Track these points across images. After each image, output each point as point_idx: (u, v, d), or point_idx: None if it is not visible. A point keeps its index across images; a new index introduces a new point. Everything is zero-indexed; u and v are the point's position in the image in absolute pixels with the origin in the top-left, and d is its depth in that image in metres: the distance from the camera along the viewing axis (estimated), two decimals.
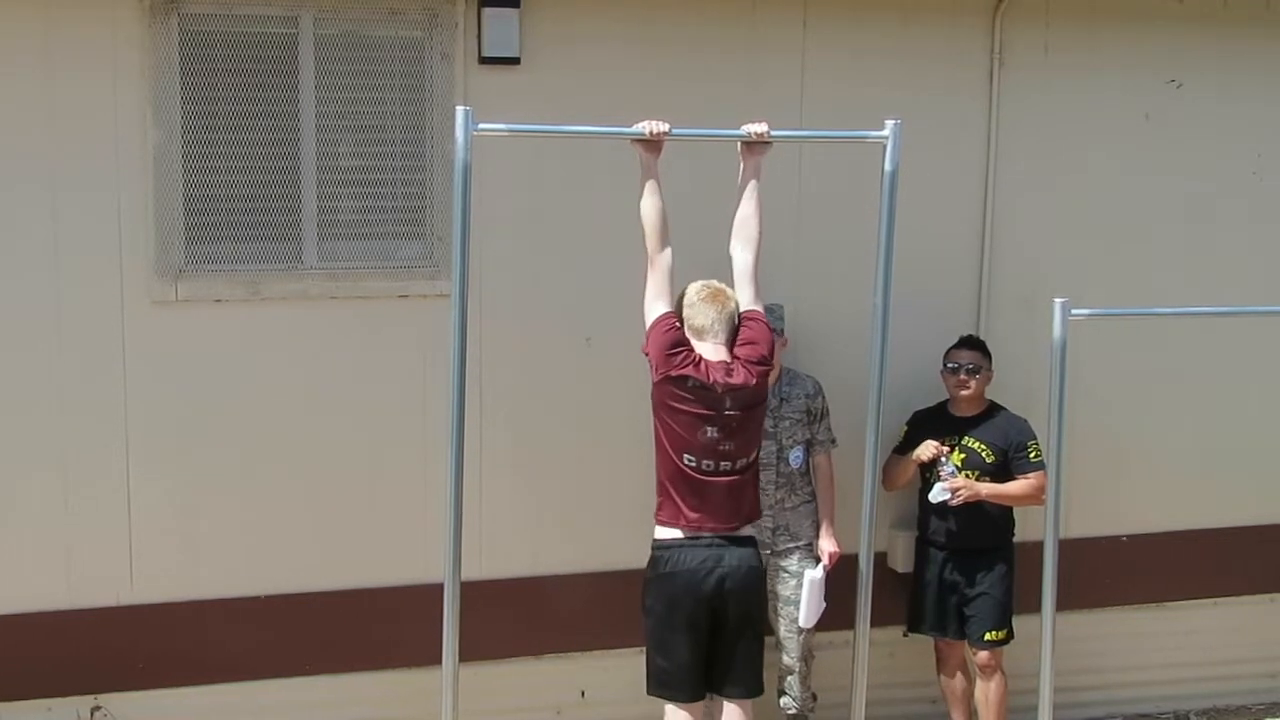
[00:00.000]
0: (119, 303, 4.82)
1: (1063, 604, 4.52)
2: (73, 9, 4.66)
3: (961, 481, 5.24)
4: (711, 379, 4.23)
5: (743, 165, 4.37)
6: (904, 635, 5.61)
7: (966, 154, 5.56)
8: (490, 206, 4.95)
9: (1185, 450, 5.95)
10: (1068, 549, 4.80)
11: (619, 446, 5.17)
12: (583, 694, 5.45)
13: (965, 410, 5.40)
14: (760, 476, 4.62)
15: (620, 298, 4.82)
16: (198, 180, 4.84)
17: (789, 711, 5.31)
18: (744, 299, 4.39)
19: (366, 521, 5.12)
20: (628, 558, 5.04)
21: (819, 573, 5.06)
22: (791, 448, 5.16)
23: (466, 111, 3.89)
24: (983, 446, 5.33)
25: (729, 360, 4.30)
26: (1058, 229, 5.69)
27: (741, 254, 4.38)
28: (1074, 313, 4.28)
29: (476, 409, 4.98)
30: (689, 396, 4.22)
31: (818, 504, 5.25)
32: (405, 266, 5.09)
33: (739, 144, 4.33)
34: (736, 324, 4.36)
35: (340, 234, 5.04)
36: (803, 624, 5.10)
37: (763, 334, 4.37)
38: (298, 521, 5.06)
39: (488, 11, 4.95)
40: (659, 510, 4.36)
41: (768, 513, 5.04)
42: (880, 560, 5.14)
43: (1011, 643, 5.38)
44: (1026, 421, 5.37)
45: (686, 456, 4.25)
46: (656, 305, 4.30)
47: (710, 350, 4.31)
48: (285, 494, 5.04)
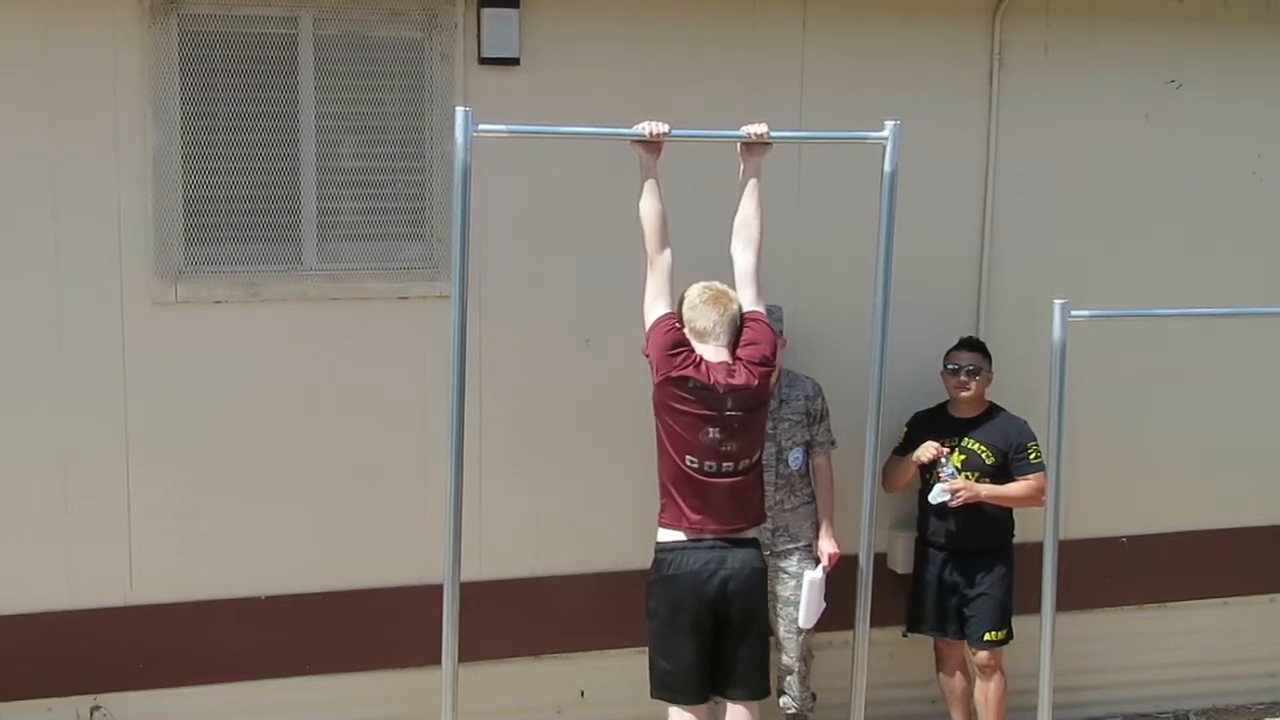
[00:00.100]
0: (119, 303, 4.82)
1: (1062, 604, 4.52)
2: (73, 9, 4.66)
3: (961, 483, 5.24)
4: (713, 380, 4.22)
5: (743, 166, 4.36)
6: (903, 635, 5.61)
7: (966, 154, 5.56)
8: (490, 207, 4.94)
9: (1185, 451, 5.95)
10: (1067, 549, 4.80)
11: (618, 447, 5.17)
12: (582, 694, 5.45)
13: (965, 411, 5.40)
14: (762, 478, 4.61)
15: (620, 299, 4.82)
16: (197, 181, 4.84)
17: (788, 711, 5.32)
18: (746, 300, 4.37)
19: (366, 521, 5.12)
20: (627, 558, 5.05)
21: (818, 574, 5.07)
22: (791, 449, 5.17)
23: (466, 112, 3.88)
24: (982, 448, 5.33)
25: (730, 361, 4.28)
26: (1058, 229, 5.68)
27: (743, 255, 4.36)
28: (1074, 313, 4.28)
29: (476, 410, 4.98)
30: (690, 397, 4.21)
31: (817, 505, 5.26)
32: (405, 268, 5.09)
33: (739, 144, 4.32)
34: (739, 325, 4.34)
35: (340, 235, 5.04)
36: (802, 624, 5.11)
37: (765, 335, 4.35)
38: (298, 521, 5.06)
39: (487, 12, 4.95)
40: (661, 512, 4.34)
41: (767, 514, 5.03)
42: (880, 561, 5.14)
43: (1011, 643, 5.38)
44: (1026, 423, 5.37)
45: (688, 458, 4.24)
46: (656, 306, 4.29)
47: (712, 352, 4.29)
48: (285, 494, 5.04)
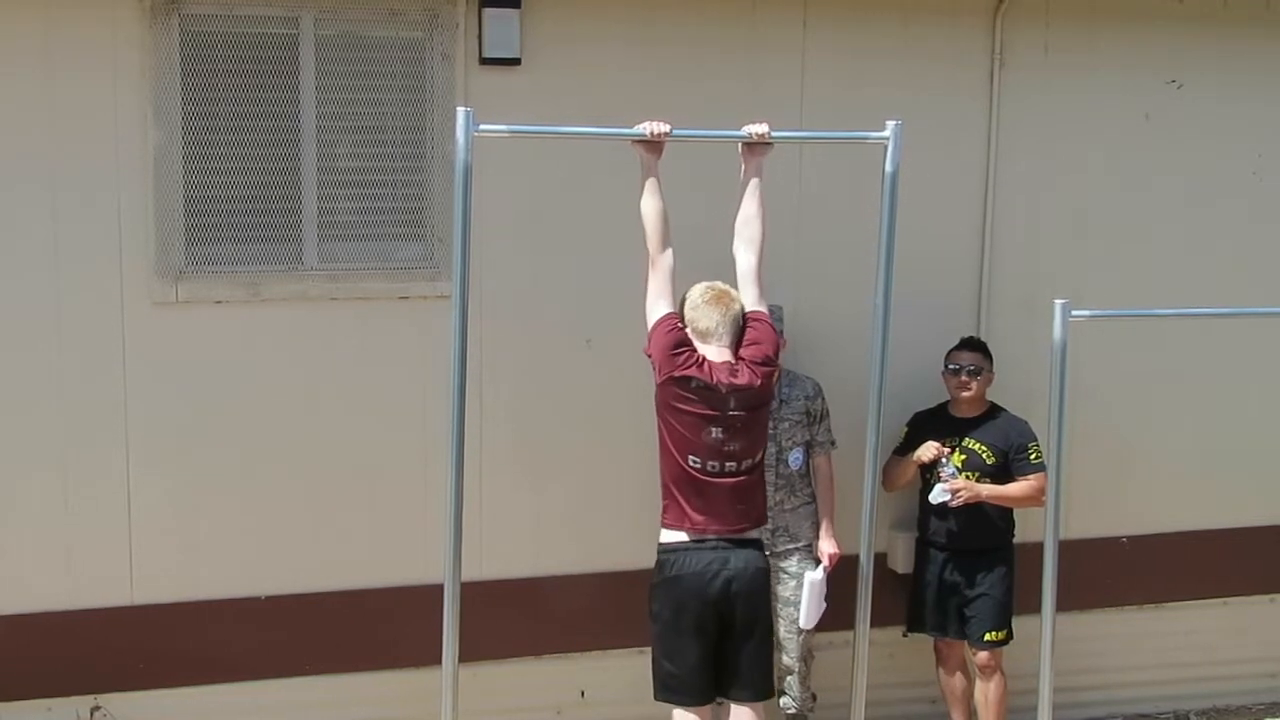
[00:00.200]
0: (119, 303, 4.82)
1: (1062, 604, 4.51)
2: (73, 9, 4.66)
3: (962, 483, 5.24)
4: (716, 379, 4.21)
5: (744, 166, 4.35)
6: (904, 635, 5.61)
7: (966, 154, 5.56)
8: (491, 207, 4.94)
9: (1185, 451, 5.95)
10: (1068, 549, 4.80)
11: (619, 447, 5.18)
12: (583, 694, 5.45)
13: (966, 411, 5.40)
14: (764, 478, 4.61)
15: (621, 299, 4.82)
16: (198, 181, 4.84)
17: (788, 711, 5.32)
18: (748, 300, 4.36)
19: (366, 521, 5.12)
20: (628, 558, 5.05)
21: (819, 574, 5.07)
22: (791, 449, 5.17)
23: (467, 112, 3.88)
24: (983, 448, 5.33)
25: (733, 361, 4.28)
26: (1058, 229, 5.69)
27: (745, 255, 4.36)
28: (1074, 313, 4.27)
29: (476, 410, 4.98)
30: (693, 397, 4.20)
31: (817, 505, 5.25)
32: (405, 268, 5.09)
33: (740, 145, 4.32)
34: (741, 325, 4.33)
35: (340, 235, 5.04)
36: (803, 625, 5.11)
37: (767, 334, 4.34)
38: (298, 521, 5.06)
39: (488, 12, 4.95)
40: (664, 513, 4.33)
41: (767, 514, 5.03)
42: (880, 561, 5.13)
43: (1011, 643, 5.38)
44: (1027, 423, 5.37)
45: (691, 458, 4.23)
46: (658, 306, 4.28)
47: (714, 352, 4.28)
48: (285, 494, 5.04)
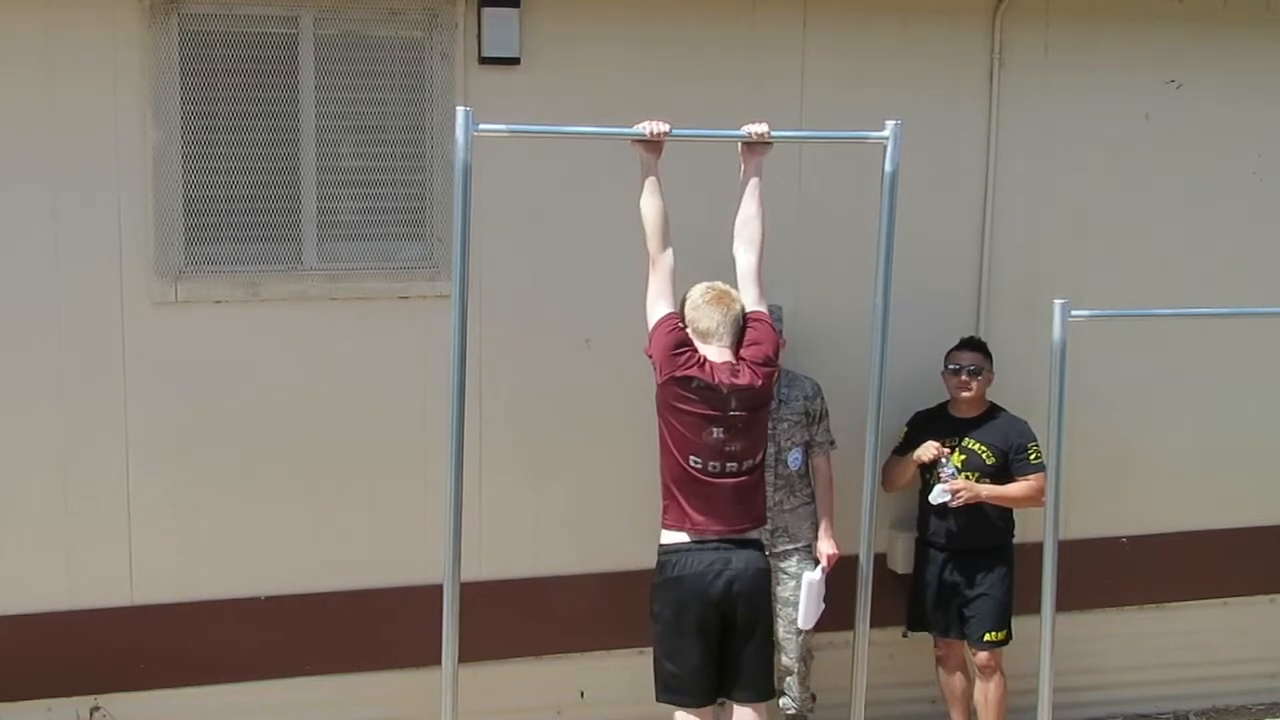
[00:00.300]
0: (119, 303, 4.82)
1: (1062, 604, 4.51)
2: (73, 9, 4.66)
3: (962, 483, 5.23)
4: (717, 379, 4.21)
5: (744, 166, 4.35)
6: (903, 636, 5.62)
7: (967, 154, 5.56)
8: (490, 207, 4.95)
9: (1185, 451, 5.95)
10: (1067, 549, 4.80)
11: (619, 447, 5.18)
12: (582, 694, 5.44)
13: (966, 411, 5.40)
14: (764, 478, 4.61)
15: (620, 299, 4.82)
16: (198, 181, 4.84)
17: (788, 712, 5.32)
18: (748, 300, 4.36)
19: (366, 521, 5.11)
20: (628, 558, 5.05)
21: (817, 574, 5.07)
22: (790, 449, 5.17)
23: (467, 112, 3.88)
24: (983, 448, 5.32)
25: (734, 361, 4.27)
26: (1058, 229, 5.68)
27: (745, 255, 4.35)
28: (1074, 313, 4.27)
29: (476, 410, 4.98)
30: (694, 397, 4.20)
31: (816, 505, 5.25)
32: (405, 267, 5.09)
33: (739, 144, 4.32)
34: (742, 325, 4.33)
35: (340, 235, 5.04)
36: (801, 625, 5.11)
37: (768, 335, 4.34)
38: (298, 522, 5.06)
39: (488, 11, 4.95)
40: (664, 514, 4.32)
41: (766, 514, 5.04)
42: (880, 561, 5.13)
43: (1011, 643, 5.37)
44: (1027, 423, 5.37)
45: (692, 458, 4.22)
46: (659, 306, 4.27)
47: (715, 352, 4.27)
48: (285, 494, 5.04)
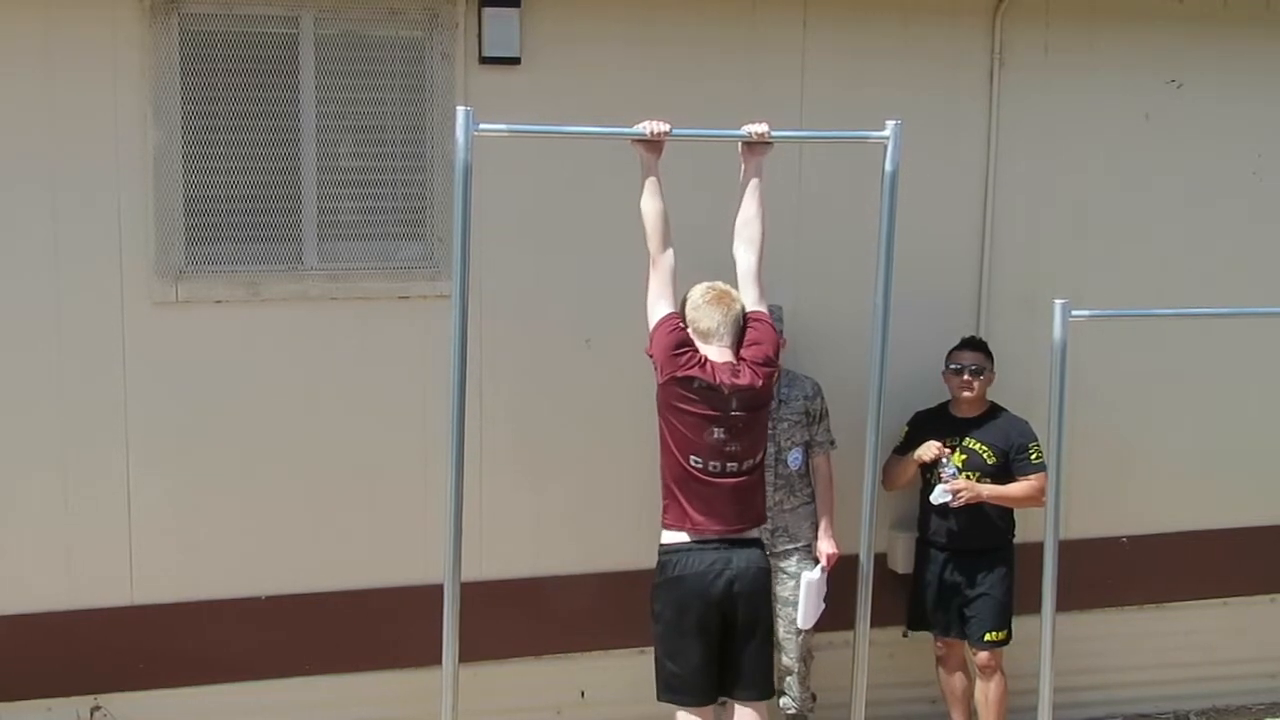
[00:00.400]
0: (119, 303, 4.82)
1: (1063, 604, 4.51)
2: (73, 9, 4.66)
3: (963, 483, 5.23)
4: (718, 380, 4.21)
5: (744, 166, 4.35)
6: (903, 635, 5.62)
7: (967, 154, 5.56)
8: (491, 207, 4.95)
9: (1185, 451, 5.95)
10: (1068, 549, 4.80)
11: (619, 447, 5.18)
12: (582, 694, 5.44)
13: (967, 411, 5.40)
14: (764, 478, 4.61)
15: (621, 299, 4.82)
16: (198, 181, 4.84)
17: (788, 712, 5.32)
18: (748, 300, 4.36)
19: (366, 521, 5.11)
20: (628, 558, 5.05)
21: (817, 574, 5.07)
22: (790, 449, 5.16)
23: (467, 112, 3.88)
24: (984, 448, 5.32)
25: (735, 361, 4.28)
26: (1058, 229, 5.68)
27: (745, 255, 4.36)
28: (1074, 313, 4.27)
29: (476, 409, 4.98)
30: (695, 398, 4.20)
31: (816, 505, 5.25)
32: (405, 267, 5.09)
33: (740, 144, 4.32)
34: (742, 325, 4.33)
35: (340, 235, 5.04)
36: (801, 625, 5.11)
37: (768, 335, 4.34)
38: (298, 522, 5.06)
39: (488, 11, 4.95)
40: (664, 513, 4.33)
41: (766, 514, 5.04)
42: (880, 561, 5.13)
43: (1011, 643, 5.37)
44: (1027, 423, 5.37)
45: (693, 458, 4.23)
46: (659, 306, 4.28)
47: (716, 352, 4.28)
48: (285, 494, 5.04)
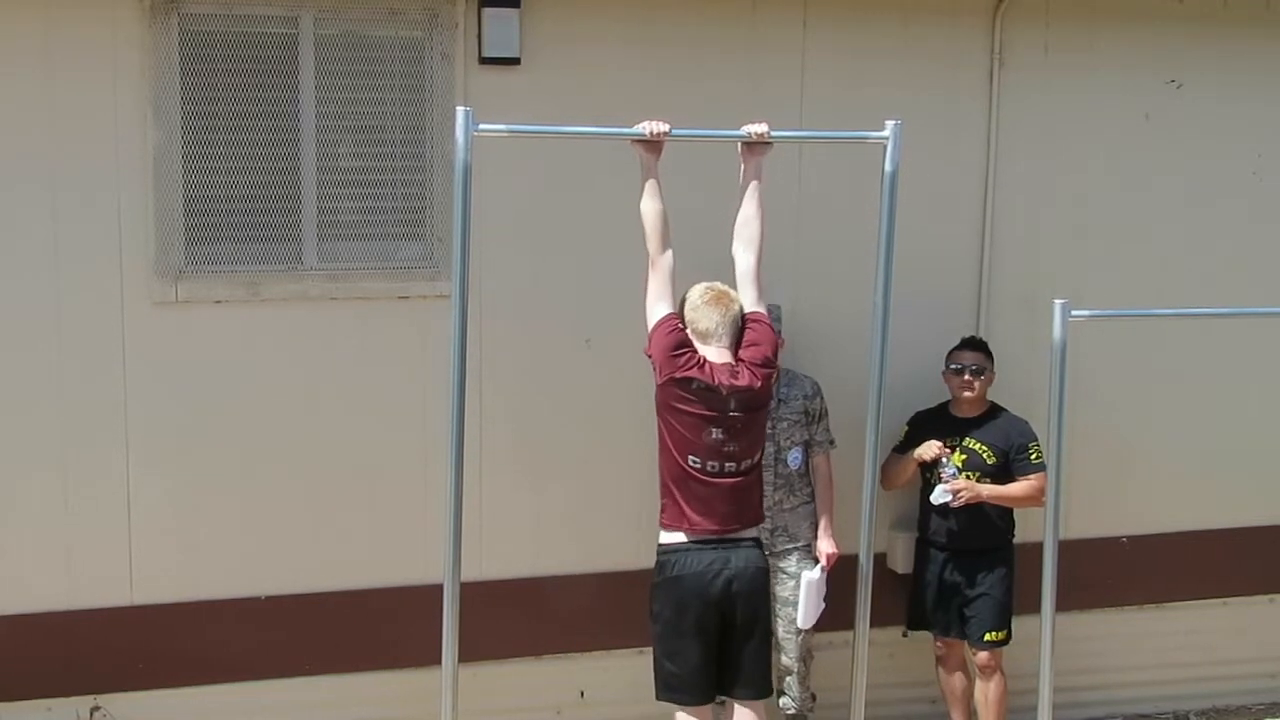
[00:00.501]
0: (119, 303, 4.82)
1: (1062, 604, 4.51)
2: (73, 9, 4.66)
3: (963, 483, 5.23)
4: (716, 381, 4.21)
5: (743, 166, 4.35)
6: (903, 635, 5.62)
7: (966, 154, 5.56)
8: (491, 207, 4.95)
9: (1185, 451, 5.95)
10: (1068, 549, 4.80)
11: (619, 447, 5.18)
12: (582, 694, 5.44)
13: (967, 411, 5.40)
14: (761, 478, 4.62)
15: (620, 299, 4.82)
16: (198, 181, 4.84)
17: (788, 712, 5.32)
18: (747, 300, 4.37)
19: (366, 521, 5.11)
20: (628, 558, 5.06)
21: (816, 573, 5.07)
22: (790, 449, 5.16)
23: (467, 112, 3.88)
24: (984, 448, 5.32)
25: (733, 362, 4.28)
26: (1058, 229, 5.68)
27: (744, 255, 4.36)
28: (1074, 313, 4.27)
29: (476, 409, 4.98)
30: (693, 398, 4.21)
31: (816, 505, 5.25)
32: (405, 267, 5.09)
33: (739, 144, 4.32)
34: (740, 326, 4.34)
35: (340, 235, 5.04)
36: (801, 625, 5.11)
37: (767, 335, 4.35)
38: (298, 521, 5.06)
39: (488, 11, 4.95)
40: (662, 513, 4.34)
41: (765, 513, 5.02)
42: (880, 561, 5.14)
43: (1011, 643, 5.37)
44: (1028, 423, 5.37)
45: (691, 458, 4.23)
46: (658, 307, 4.28)
47: (714, 353, 4.28)
48: (285, 494, 5.04)
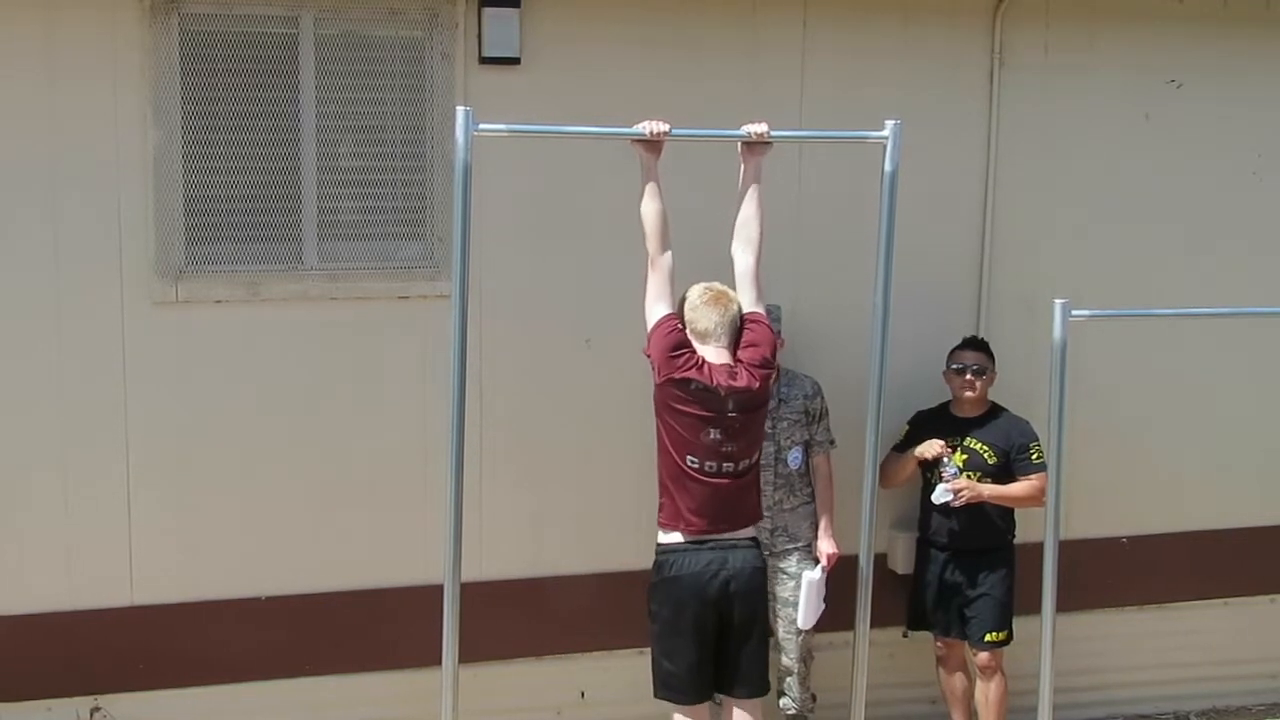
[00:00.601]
0: (119, 303, 4.82)
1: (1063, 604, 4.50)
2: (73, 10, 4.66)
3: (964, 483, 5.23)
4: (715, 382, 4.22)
5: (743, 166, 4.35)
6: (903, 635, 5.61)
7: (966, 154, 5.56)
8: (490, 207, 4.95)
9: (1185, 451, 5.95)
10: (1068, 549, 4.80)
11: (619, 447, 5.17)
12: (582, 694, 5.44)
13: (968, 411, 5.40)
14: (759, 477, 4.62)
15: (620, 299, 4.82)
16: (198, 181, 4.84)
17: (788, 712, 5.32)
18: (746, 301, 4.37)
19: (366, 521, 5.11)
20: (628, 558, 5.05)
21: (817, 573, 5.06)
22: (790, 448, 5.16)
23: (467, 112, 3.88)
24: (985, 447, 5.32)
25: (732, 363, 4.28)
26: (1058, 229, 5.68)
27: (743, 255, 4.36)
28: (1074, 313, 4.27)
29: (476, 409, 4.98)
30: (692, 399, 4.21)
31: (816, 505, 5.25)
32: (405, 267, 5.09)
33: (739, 144, 4.32)
34: (739, 326, 4.35)
35: (340, 235, 5.04)
36: (801, 625, 5.10)
37: (765, 336, 4.35)
38: (298, 521, 5.06)
39: (488, 11, 4.95)
40: (660, 512, 4.35)
41: (766, 513, 5.02)
42: (880, 561, 5.13)
43: (1012, 643, 5.37)
44: (1028, 423, 5.36)
45: (689, 458, 4.24)
46: (658, 307, 4.28)
47: (713, 353, 4.29)
48: (285, 494, 5.04)
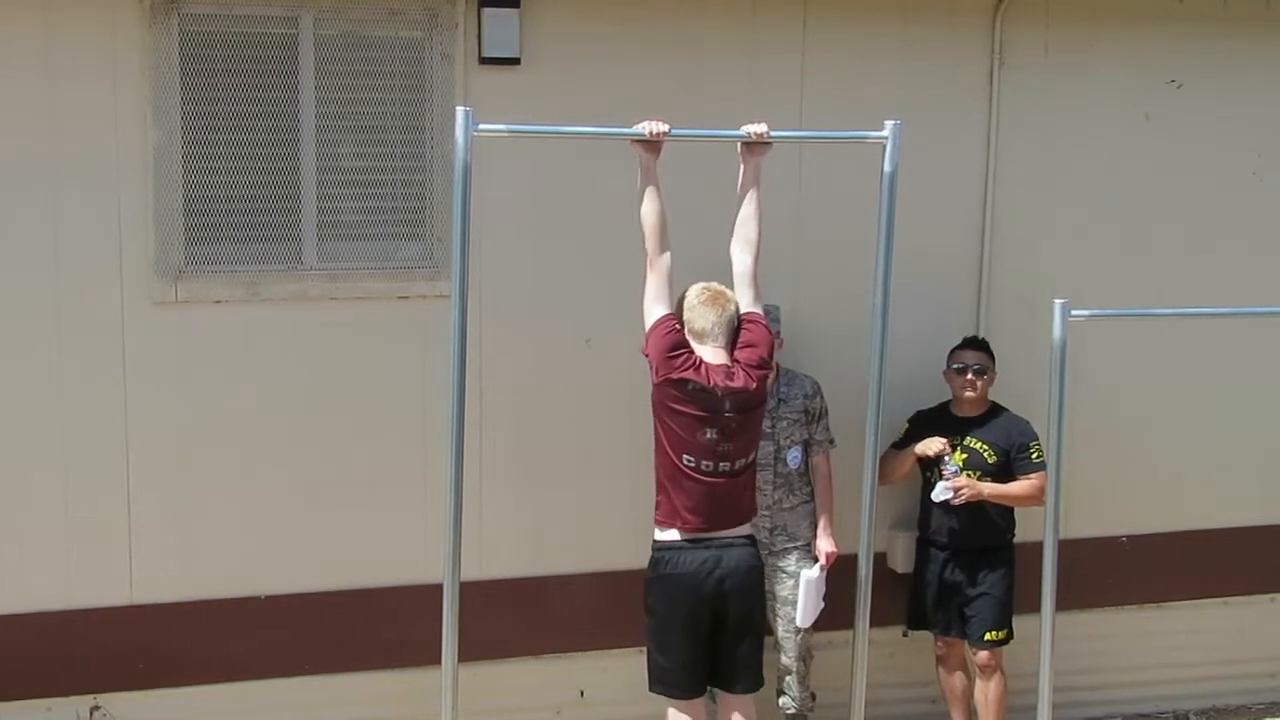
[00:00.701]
0: (119, 303, 4.82)
1: (1062, 604, 4.51)
2: (73, 9, 4.66)
3: (964, 481, 5.24)
4: (712, 382, 4.23)
5: (743, 166, 4.36)
6: (903, 635, 5.61)
7: (966, 154, 5.56)
8: (490, 207, 4.95)
9: (1185, 451, 5.95)
10: (1068, 549, 4.80)
11: (618, 447, 5.17)
12: (582, 694, 5.45)
13: (968, 411, 5.40)
14: (758, 476, 4.63)
15: (620, 299, 4.82)
16: (198, 181, 4.84)
17: (788, 711, 5.32)
18: (744, 301, 4.38)
19: (366, 521, 5.11)
20: (627, 558, 5.05)
21: (815, 572, 5.06)
22: (789, 448, 5.16)
23: (467, 112, 3.89)
24: (985, 447, 5.33)
25: (729, 363, 4.30)
26: (1058, 229, 5.68)
27: (741, 256, 4.37)
28: (1074, 313, 4.27)
29: (476, 409, 4.98)
30: (689, 399, 4.23)
31: (816, 504, 5.25)
32: (405, 267, 5.09)
33: (739, 145, 4.33)
34: (737, 326, 4.36)
35: (340, 235, 5.04)
36: (800, 624, 5.10)
37: (762, 336, 4.36)
38: (298, 521, 5.06)
39: (488, 11, 4.95)
40: (657, 510, 4.37)
41: (765, 513, 5.05)
42: (880, 560, 5.14)
43: (1011, 642, 5.37)
44: (1029, 422, 5.37)
45: (686, 457, 4.26)
46: (656, 307, 4.30)
47: (710, 353, 4.31)
48: (285, 494, 5.04)
